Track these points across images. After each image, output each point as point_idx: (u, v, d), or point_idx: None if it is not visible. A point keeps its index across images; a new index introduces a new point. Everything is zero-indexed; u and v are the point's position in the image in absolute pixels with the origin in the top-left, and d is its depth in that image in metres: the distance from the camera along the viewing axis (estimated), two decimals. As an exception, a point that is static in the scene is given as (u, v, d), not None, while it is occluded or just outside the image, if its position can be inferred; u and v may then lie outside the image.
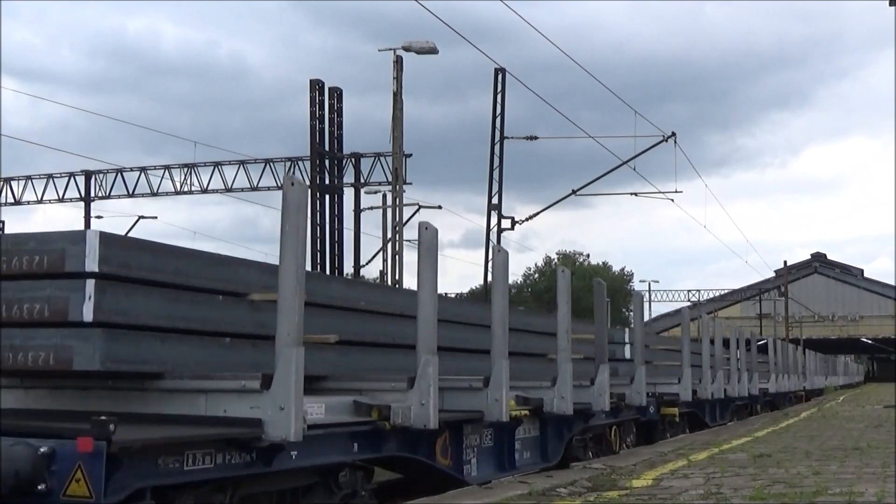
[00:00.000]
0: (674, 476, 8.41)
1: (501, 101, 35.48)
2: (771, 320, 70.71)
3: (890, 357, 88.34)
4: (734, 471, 8.77)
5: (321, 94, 34.08)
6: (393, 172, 30.93)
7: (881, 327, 78.80)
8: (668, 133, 34.28)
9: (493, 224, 35.79)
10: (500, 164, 35.80)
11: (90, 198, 41.12)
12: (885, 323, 76.97)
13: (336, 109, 34.55)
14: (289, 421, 5.54)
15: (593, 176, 36.70)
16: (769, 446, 11.73)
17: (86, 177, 40.94)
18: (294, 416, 5.55)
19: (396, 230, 31.12)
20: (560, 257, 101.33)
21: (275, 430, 5.57)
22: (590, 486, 7.59)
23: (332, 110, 34.47)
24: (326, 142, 34.60)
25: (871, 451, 10.75)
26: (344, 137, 35.11)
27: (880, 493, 6.93)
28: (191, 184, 38.42)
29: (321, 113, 34.17)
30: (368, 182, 35.61)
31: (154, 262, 6.08)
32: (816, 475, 8.27)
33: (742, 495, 6.95)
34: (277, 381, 5.59)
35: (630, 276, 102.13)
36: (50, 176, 41.45)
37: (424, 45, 28.64)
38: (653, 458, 10.13)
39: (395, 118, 29.78)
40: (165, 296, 6.13)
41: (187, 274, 6.33)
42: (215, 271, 6.63)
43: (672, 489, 7.43)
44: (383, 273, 35.32)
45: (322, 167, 34.58)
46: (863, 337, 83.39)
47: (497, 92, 35.36)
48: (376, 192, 36.04)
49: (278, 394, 5.58)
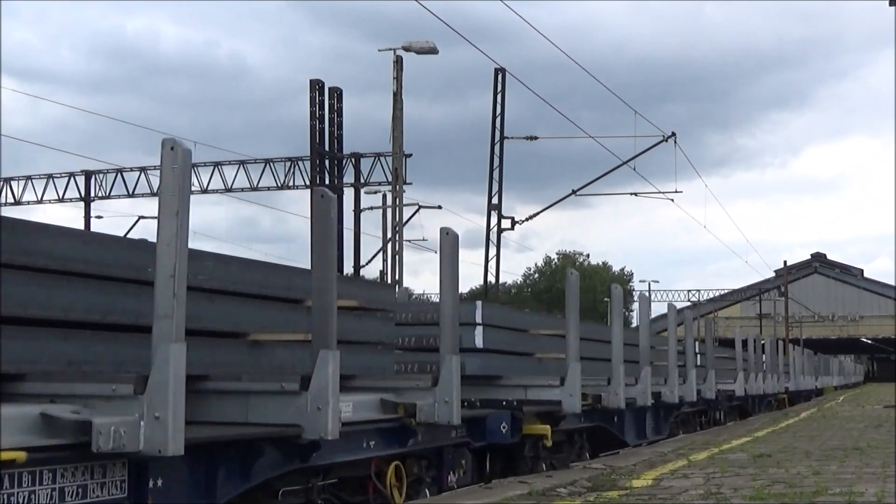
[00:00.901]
0: (674, 476, 8.41)
1: (501, 101, 35.54)
2: (771, 320, 70.76)
3: (890, 357, 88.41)
4: (734, 471, 8.77)
5: (321, 94, 34.12)
6: (393, 172, 30.96)
7: (881, 327, 78.84)
8: (668, 133, 34.38)
9: (493, 224, 35.86)
10: (500, 164, 35.86)
11: (90, 198, 41.16)
12: (885, 323, 77.00)
13: (336, 109, 34.60)
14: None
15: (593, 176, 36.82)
16: (769, 446, 11.73)
17: (86, 177, 40.98)
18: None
19: (396, 230, 31.14)
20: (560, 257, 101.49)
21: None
22: (590, 486, 7.59)
23: (332, 110, 34.51)
24: (326, 142, 34.64)
25: (871, 451, 10.76)
26: (344, 137, 35.18)
27: (880, 493, 6.93)
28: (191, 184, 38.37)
29: (321, 113, 34.22)
30: (368, 182, 35.65)
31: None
32: (816, 475, 8.27)
33: (742, 495, 6.95)
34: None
35: (630, 276, 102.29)
36: (50, 176, 41.50)
37: (424, 45, 28.67)
38: (653, 458, 10.14)
39: (395, 118, 29.81)
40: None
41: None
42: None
43: (672, 489, 7.43)
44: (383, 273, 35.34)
45: (322, 167, 34.62)
46: (863, 337, 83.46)
47: (497, 92, 35.41)
48: (376, 192, 36.12)
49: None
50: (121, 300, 5.55)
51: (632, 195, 37.29)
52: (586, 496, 7.05)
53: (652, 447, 12.33)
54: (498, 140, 35.85)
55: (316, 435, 5.73)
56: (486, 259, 36.11)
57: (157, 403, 4.56)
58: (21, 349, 4.93)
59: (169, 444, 4.54)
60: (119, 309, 5.52)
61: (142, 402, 4.59)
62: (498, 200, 35.86)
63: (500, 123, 35.76)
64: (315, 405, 5.73)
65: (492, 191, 35.79)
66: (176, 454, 4.59)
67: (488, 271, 36.20)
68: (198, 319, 5.90)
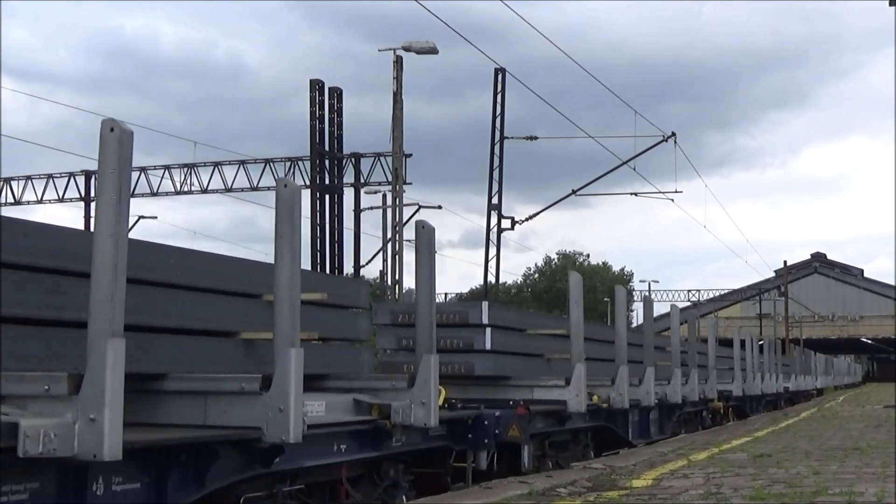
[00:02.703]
0: (674, 476, 8.40)
1: (501, 101, 35.51)
2: (771, 320, 70.73)
3: (890, 357, 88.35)
4: (734, 471, 8.77)
5: (321, 94, 34.11)
6: (393, 172, 30.95)
7: (881, 327, 78.81)
8: (667, 133, 34.34)
9: (493, 224, 35.83)
10: (500, 164, 35.82)
11: (90, 198, 41.13)
12: (885, 323, 76.98)
13: (336, 109, 34.58)
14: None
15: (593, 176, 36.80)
16: (769, 446, 11.73)
17: (86, 177, 40.93)
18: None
19: (396, 230, 31.13)
20: (560, 257, 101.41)
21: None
22: (590, 486, 7.59)
23: (331, 110, 34.50)
24: (326, 142, 34.63)
25: (871, 451, 10.75)
26: (344, 137, 35.16)
27: (880, 493, 6.92)
28: (190, 184, 38.38)
29: (321, 113, 34.21)
30: (368, 182, 35.62)
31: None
32: (816, 475, 8.26)
33: (742, 495, 6.95)
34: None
35: (630, 276, 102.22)
36: (50, 176, 41.48)
37: (424, 45, 28.65)
38: (653, 458, 10.14)
39: (395, 118, 29.79)
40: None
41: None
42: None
43: (672, 489, 7.42)
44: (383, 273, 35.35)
45: (322, 167, 34.60)
46: (863, 337, 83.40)
47: (497, 92, 35.38)
48: (376, 192, 36.10)
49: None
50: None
51: (632, 195, 37.23)
52: (586, 496, 7.05)
53: (652, 447, 12.32)
54: (498, 140, 35.82)
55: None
56: (486, 259, 36.09)
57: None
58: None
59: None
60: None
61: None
62: (498, 200, 35.83)
63: (500, 123, 35.74)
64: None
65: (492, 191, 35.77)
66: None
67: (488, 271, 36.19)
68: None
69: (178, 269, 6.00)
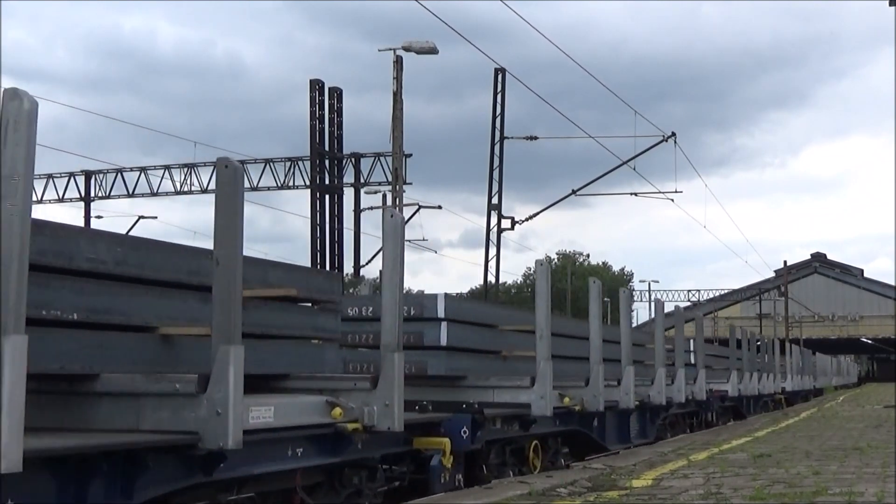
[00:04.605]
0: (674, 476, 8.40)
1: (501, 101, 35.54)
2: (771, 320, 70.74)
3: (890, 357, 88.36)
4: (734, 471, 8.76)
5: (321, 94, 34.14)
6: (393, 172, 30.94)
7: (881, 327, 78.81)
8: (667, 133, 34.35)
9: (493, 224, 35.85)
10: (500, 164, 35.85)
11: (90, 198, 41.15)
12: (885, 323, 76.98)
13: (336, 109, 34.62)
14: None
15: (593, 176, 36.82)
16: (769, 446, 11.72)
17: (86, 177, 40.98)
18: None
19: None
20: (560, 257, 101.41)
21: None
22: (590, 486, 7.58)
23: (331, 110, 34.54)
24: (326, 142, 34.65)
25: (871, 451, 10.75)
26: (343, 137, 35.18)
27: (880, 493, 6.92)
28: (190, 184, 38.46)
29: (321, 113, 34.24)
30: (368, 182, 35.66)
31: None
32: (816, 475, 8.26)
33: (742, 495, 6.95)
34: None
35: (630, 276, 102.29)
36: (50, 176, 41.50)
37: (424, 45, 28.64)
38: (653, 458, 10.13)
39: (395, 118, 29.77)
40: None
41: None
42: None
43: (672, 489, 7.42)
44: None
45: (322, 167, 34.63)
46: (863, 337, 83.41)
47: (497, 92, 35.41)
48: (376, 192, 36.12)
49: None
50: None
51: (632, 195, 37.27)
52: (586, 496, 7.04)
53: (652, 447, 12.31)
54: (498, 140, 35.85)
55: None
56: (485, 259, 36.12)
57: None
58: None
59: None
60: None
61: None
62: (498, 200, 35.86)
63: (500, 123, 35.76)
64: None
65: (492, 191, 35.80)
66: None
67: (488, 271, 36.22)
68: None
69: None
